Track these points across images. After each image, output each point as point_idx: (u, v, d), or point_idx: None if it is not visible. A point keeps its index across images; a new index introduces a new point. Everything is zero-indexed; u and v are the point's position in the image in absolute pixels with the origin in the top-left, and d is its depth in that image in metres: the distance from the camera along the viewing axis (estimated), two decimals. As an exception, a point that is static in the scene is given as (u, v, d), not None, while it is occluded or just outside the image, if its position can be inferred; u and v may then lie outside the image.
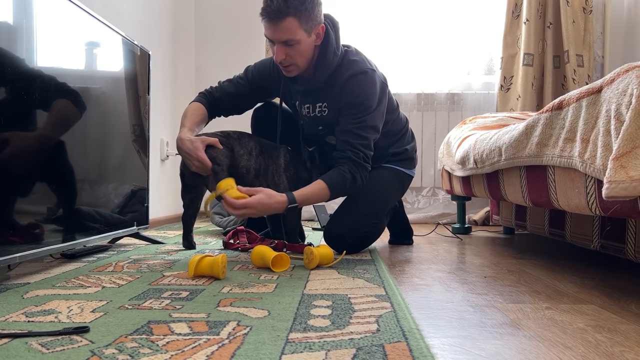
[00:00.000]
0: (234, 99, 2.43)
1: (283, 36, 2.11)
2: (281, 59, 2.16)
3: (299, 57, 2.18)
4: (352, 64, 2.26)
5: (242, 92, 2.43)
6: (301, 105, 2.39)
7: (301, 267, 1.93)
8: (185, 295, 1.46)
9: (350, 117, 2.23)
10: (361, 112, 2.23)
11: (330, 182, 2.19)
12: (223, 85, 2.45)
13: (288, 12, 2.07)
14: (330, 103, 2.30)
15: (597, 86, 1.57)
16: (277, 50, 2.15)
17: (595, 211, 1.60)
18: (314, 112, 2.35)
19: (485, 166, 2.46)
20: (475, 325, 1.22)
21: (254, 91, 2.45)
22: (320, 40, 2.21)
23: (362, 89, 2.23)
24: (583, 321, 1.27)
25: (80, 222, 2.04)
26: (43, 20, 1.76)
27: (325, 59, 2.24)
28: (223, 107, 2.44)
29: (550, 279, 1.83)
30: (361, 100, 2.22)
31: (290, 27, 2.09)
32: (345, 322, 1.18)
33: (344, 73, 2.24)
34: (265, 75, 2.42)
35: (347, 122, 2.24)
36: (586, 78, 4.03)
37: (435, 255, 2.38)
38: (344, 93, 2.24)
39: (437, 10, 4.40)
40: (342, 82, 2.24)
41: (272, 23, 2.10)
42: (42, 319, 1.19)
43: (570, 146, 1.67)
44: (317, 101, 2.33)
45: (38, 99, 1.72)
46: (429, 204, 4.37)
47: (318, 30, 2.18)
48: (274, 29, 2.11)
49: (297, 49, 2.15)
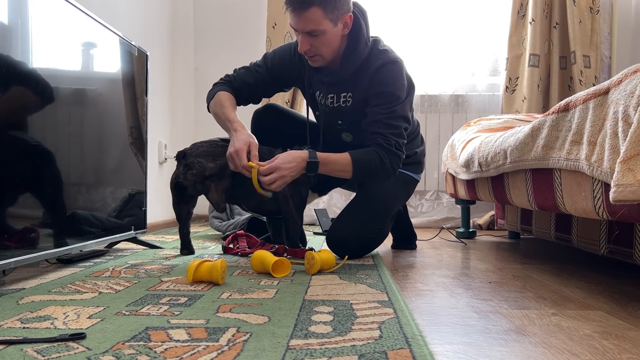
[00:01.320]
0: (252, 88, 2.40)
1: (307, 26, 2.08)
2: (305, 49, 2.14)
3: (324, 47, 2.15)
4: (382, 54, 2.23)
5: (260, 81, 2.39)
6: (325, 95, 2.35)
7: (302, 273, 1.93)
8: (184, 301, 1.46)
9: (379, 108, 2.20)
10: (391, 102, 2.20)
11: (355, 155, 2.17)
12: (240, 73, 2.41)
13: (312, 2, 2.04)
14: (355, 93, 2.28)
15: (605, 88, 1.57)
16: (302, 40, 2.13)
17: (603, 215, 1.60)
18: (337, 102, 2.32)
19: (490, 169, 2.46)
20: (480, 331, 1.22)
21: (274, 79, 2.41)
22: (348, 29, 2.17)
23: (393, 79, 2.21)
24: (590, 328, 1.27)
25: (77, 227, 2.04)
26: (39, 20, 1.76)
27: (356, 50, 2.20)
28: (242, 96, 2.41)
29: (556, 284, 1.83)
30: (391, 90, 2.20)
31: (314, 17, 2.06)
32: (347, 329, 1.18)
33: (374, 62, 2.22)
34: (286, 62, 2.38)
35: (376, 113, 2.20)
36: (593, 79, 4.03)
37: (439, 260, 2.38)
38: (374, 83, 2.21)
39: (441, 10, 4.41)
40: (372, 72, 2.21)
41: (296, 13, 2.08)
42: (37, 325, 1.19)
43: (576, 149, 1.68)
44: (342, 91, 2.30)
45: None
46: (432, 207, 4.37)
47: (345, 20, 2.14)
48: (297, 18, 2.08)
49: (322, 39, 2.12)
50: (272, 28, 4.19)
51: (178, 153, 2.23)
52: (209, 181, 2.17)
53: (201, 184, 2.20)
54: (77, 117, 2.07)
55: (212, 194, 2.20)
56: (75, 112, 2.05)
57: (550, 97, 4.08)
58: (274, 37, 4.17)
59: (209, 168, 2.16)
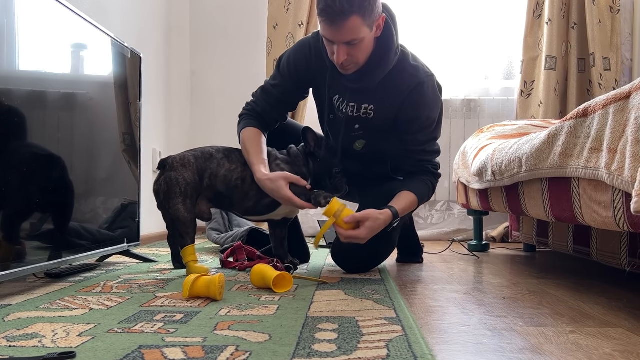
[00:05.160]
0: (276, 108, 2.41)
1: (347, 37, 2.06)
2: (343, 59, 2.12)
3: (361, 54, 2.15)
4: (415, 70, 2.25)
5: (282, 94, 2.40)
6: (345, 103, 2.33)
7: (305, 288, 1.93)
8: (180, 317, 1.46)
9: (421, 135, 2.31)
10: (430, 127, 2.31)
11: (419, 193, 2.32)
12: (259, 97, 2.43)
13: (352, 11, 2.01)
14: (378, 107, 2.29)
15: (626, 92, 1.58)
16: (339, 51, 2.11)
17: (624, 227, 1.60)
18: (358, 112, 2.32)
19: (505, 178, 2.46)
20: (494, 350, 1.22)
21: (296, 86, 2.42)
22: (380, 31, 2.17)
23: (429, 99, 2.27)
24: (610, 346, 1.27)
25: (66, 239, 2.05)
26: (26, 20, 1.78)
27: (387, 58, 2.21)
28: (269, 120, 2.42)
29: (574, 300, 1.83)
30: (428, 114, 2.28)
31: (354, 27, 2.04)
32: (352, 347, 1.18)
33: (408, 79, 2.23)
34: (303, 64, 2.36)
35: (419, 142, 2.32)
36: (613, 83, 4.03)
37: (450, 274, 2.38)
38: (410, 104, 2.24)
39: (452, 10, 4.42)
40: (406, 90, 2.23)
41: (334, 25, 2.04)
42: (24, 343, 1.20)
43: (596, 157, 1.68)
44: (364, 102, 2.30)
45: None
46: (443, 219, 4.37)
47: (379, 22, 2.14)
48: (336, 30, 2.05)
49: (360, 47, 2.11)
50: (273, 29, 4.20)
51: (160, 162, 2.27)
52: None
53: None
54: (67, 123, 2.08)
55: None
56: (64, 118, 2.06)
57: (567, 101, 4.08)
58: (275, 39, 4.19)
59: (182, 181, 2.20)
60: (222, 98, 4.48)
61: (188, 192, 2.19)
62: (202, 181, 2.22)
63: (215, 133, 4.38)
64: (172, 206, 2.18)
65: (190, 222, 2.20)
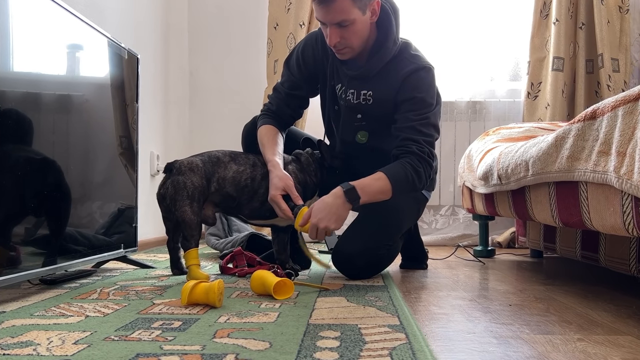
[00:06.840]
0: (288, 104, 2.51)
1: (337, 17, 2.15)
2: (335, 42, 2.21)
3: (355, 38, 2.22)
4: (414, 58, 2.33)
5: (294, 90, 2.51)
6: (345, 90, 2.41)
7: (306, 294, 1.94)
8: (178, 325, 1.47)
9: (412, 114, 2.28)
10: (423, 109, 2.29)
11: (389, 172, 2.21)
12: (272, 97, 2.54)
13: None
14: (376, 92, 2.35)
15: (635, 93, 1.58)
16: (331, 33, 2.19)
17: (633, 232, 1.61)
18: (357, 99, 2.39)
19: (511, 182, 2.47)
20: (500, 358, 1.22)
21: (307, 80, 2.51)
22: (376, 16, 2.25)
23: (425, 85, 2.31)
24: (619, 354, 1.27)
25: (62, 245, 2.05)
26: (20, 20, 1.78)
27: (385, 46, 2.30)
28: (285, 117, 2.52)
29: (582, 307, 1.83)
30: (423, 96, 2.29)
31: (343, 7, 2.13)
32: (355, 355, 1.19)
33: (405, 66, 2.31)
34: (309, 58, 2.48)
35: (408, 119, 2.28)
36: (622, 84, 4.03)
37: (455, 281, 2.39)
38: (405, 87, 2.30)
39: (457, 10, 4.42)
40: (403, 76, 2.30)
41: (323, 5, 2.13)
42: (19, 351, 1.20)
43: (604, 160, 1.68)
44: (363, 88, 2.37)
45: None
46: (447, 224, 4.37)
47: (373, 6, 2.22)
48: (326, 10, 2.15)
49: (352, 29, 2.19)
50: (273, 29, 4.21)
51: (166, 165, 2.29)
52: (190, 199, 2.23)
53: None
54: (62, 125, 2.08)
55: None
56: (59, 120, 2.07)
57: (575, 103, 4.08)
58: (276, 39, 4.20)
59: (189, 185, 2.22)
60: (222, 99, 4.48)
61: (195, 195, 2.21)
62: (210, 185, 2.25)
63: (215, 135, 4.38)
64: (178, 208, 2.20)
65: (197, 225, 2.23)
